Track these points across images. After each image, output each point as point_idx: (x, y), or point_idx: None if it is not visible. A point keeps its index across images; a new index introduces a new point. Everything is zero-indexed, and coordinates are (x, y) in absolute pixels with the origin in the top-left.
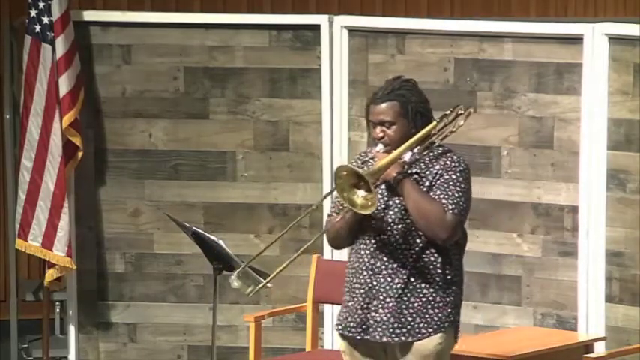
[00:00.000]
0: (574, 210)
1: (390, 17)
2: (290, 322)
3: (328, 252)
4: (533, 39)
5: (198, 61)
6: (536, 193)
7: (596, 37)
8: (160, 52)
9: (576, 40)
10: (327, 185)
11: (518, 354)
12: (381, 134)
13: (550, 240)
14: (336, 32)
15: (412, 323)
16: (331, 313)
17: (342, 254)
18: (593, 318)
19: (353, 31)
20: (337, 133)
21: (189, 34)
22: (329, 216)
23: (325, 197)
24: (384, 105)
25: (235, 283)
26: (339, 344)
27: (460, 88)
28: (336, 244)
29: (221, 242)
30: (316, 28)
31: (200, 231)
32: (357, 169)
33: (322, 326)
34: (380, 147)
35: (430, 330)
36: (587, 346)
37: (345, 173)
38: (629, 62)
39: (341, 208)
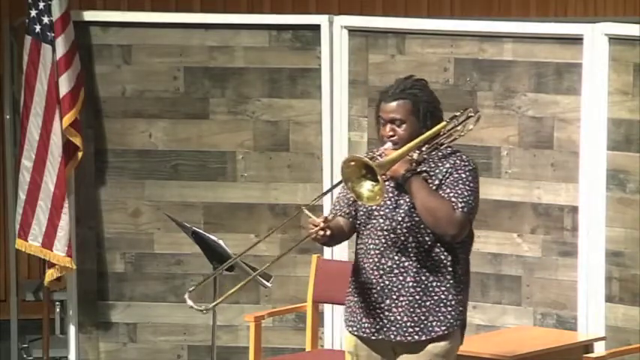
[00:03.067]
0: (574, 210)
1: (390, 17)
2: (290, 322)
3: (328, 252)
4: (533, 39)
5: (198, 61)
6: (536, 193)
7: (596, 37)
8: (159, 52)
9: (576, 40)
10: (327, 185)
11: (518, 354)
12: (391, 132)
13: (550, 240)
14: (336, 32)
15: (425, 322)
16: (331, 313)
17: (343, 254)
18: (593, 318)
19: (353, 31)
20: (337, 133)
21: (189, 34)
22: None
23: (318, 198)
24: (395, 103)
25: (189, 301)
26: (347, 344)
27: (460, 88)
28: (325, 243)
29: (221, 242)
30: (316, 28)
31: (200, 231)
32: (366, 159)
33: (322, 326)
34: (388, 145)
35: (443, 328)
36: (587, 346)
37: (353, 163)
38: (629, 62)
39: (338, 208)
